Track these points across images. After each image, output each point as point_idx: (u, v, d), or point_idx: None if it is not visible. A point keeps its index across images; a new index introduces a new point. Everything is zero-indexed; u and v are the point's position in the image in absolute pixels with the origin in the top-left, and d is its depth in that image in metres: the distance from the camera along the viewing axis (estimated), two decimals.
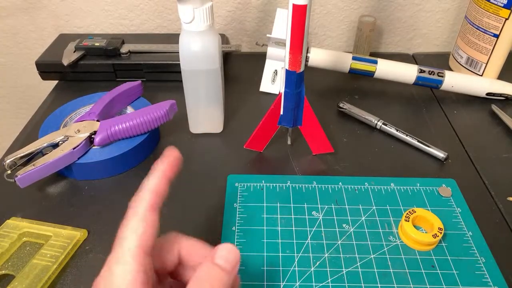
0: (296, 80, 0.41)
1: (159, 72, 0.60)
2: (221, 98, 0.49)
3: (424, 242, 0.37)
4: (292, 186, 0.44)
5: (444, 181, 0.45)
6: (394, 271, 0.36)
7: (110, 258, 0.24)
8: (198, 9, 0.41)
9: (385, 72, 0.55)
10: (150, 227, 0.25)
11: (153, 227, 0.25)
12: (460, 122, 0.54)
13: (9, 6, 0.67)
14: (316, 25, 0.68)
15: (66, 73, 0.60)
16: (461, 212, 0.41)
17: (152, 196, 0.26)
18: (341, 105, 0.55)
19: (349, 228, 0.40)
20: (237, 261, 0.26)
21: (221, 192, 0.44)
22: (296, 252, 0.38)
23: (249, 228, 0.40)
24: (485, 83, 0.56)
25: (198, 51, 0.44)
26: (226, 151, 0.49)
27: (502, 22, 0.54)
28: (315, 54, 0.55)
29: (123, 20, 0.68)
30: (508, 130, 0.52)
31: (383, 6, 0.66)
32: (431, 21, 0.68)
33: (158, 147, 0.49)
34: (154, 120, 0.46)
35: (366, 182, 0.45)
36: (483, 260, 0.37)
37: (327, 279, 0.36)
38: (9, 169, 0.42)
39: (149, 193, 0.26)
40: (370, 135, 0.52)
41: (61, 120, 0.49)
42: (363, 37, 0.63)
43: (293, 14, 0.36)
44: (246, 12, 0.67)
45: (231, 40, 0.70)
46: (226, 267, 0.25)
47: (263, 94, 0.59)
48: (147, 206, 0.25)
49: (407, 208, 0.41)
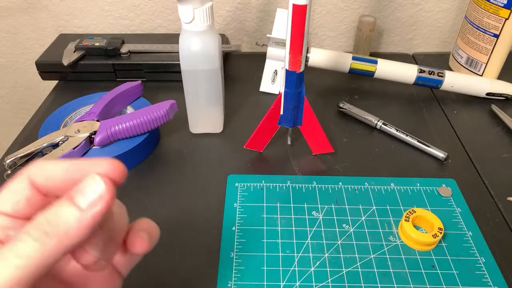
0: (296, 80, 0.41)
1: (159, 72, 0.60)
2: (221, 98, 0.49)
3: (424, 242, 0.37)
4: (292, 186, 0.44)
5: (444, 181, 0.45)
6: (394, 271, 0.36)
7: None
8: (198, 9, 0.41)
9: (385, 72, 0.55)
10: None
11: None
12: (460, 122, 0.54)
13: (9, 6, 0.67)
14: (316, 25, 0.68)
15: (66, 73, 0.60)
16: (461, 212, 0.41)
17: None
18: (341, 105, 0.55)
19: (349, 228, 0.40)
20: (103, 194, 0.19)
21: (221, 192, 0.44)
22: (296, 252, 0.38)
23: (249, 228, 0.40)
24: (485, 83, 0.56)
25: (198, 51, 0.44)
26: (226, 151, 0.49)
27: (502, 22, 0.54)
28: (315, 54, 0.55)
29: (123, 20, 0.68)
30: (508, 130, 0.52)
31: (383, 6, 0.66)
32: (431, 21, 0.68)
33: (158, 147, 0.49)
34: (154, 120, 0.46)
35: (366, 182, 0.45)
36: (483, 260, 0.37)
37: (327, 279, 0.36)
38: (9, 169, 0.42)
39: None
40: (370, 135, 0.52)
41: (61, 120, 0.49)
42: (363, 37, 0.63)
43: (293, 14, 0.36)
44: (246, 12, 0.67)
45: (231, 40, 0.70)
46: (80, 203, 0.18)
47: (263, 94, 0.59)
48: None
49: (407, 208, 0.41)
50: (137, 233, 0.23)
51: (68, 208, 0.18)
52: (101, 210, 0.18)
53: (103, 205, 0.18)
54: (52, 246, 0.18)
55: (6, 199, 0.20)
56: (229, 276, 0.36)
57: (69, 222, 0.18)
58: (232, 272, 0.36)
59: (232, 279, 0.36)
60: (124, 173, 0.20)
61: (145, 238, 0.23)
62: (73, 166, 0.20)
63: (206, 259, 0.37)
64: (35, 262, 0.17)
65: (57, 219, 0.18)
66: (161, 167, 0.47)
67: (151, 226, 0.24)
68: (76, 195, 0.19)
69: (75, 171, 0.20)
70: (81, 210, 0.18)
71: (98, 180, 0.19)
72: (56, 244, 0.18)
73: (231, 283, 0.35)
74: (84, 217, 0.18)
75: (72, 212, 0.18)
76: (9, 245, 0.18)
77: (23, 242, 0.18)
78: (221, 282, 0.35)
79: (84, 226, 0.18)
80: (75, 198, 0.19)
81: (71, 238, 0.18)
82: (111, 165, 0.20)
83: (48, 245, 0.18)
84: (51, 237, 0.18)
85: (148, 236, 0.24)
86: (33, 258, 0.17)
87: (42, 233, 0.18)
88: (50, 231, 0.18)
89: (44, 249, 0.18)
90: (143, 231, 0.24)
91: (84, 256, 0.20)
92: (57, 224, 0.18)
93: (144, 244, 0.23)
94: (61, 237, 0.18)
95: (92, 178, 0.19)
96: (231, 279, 0.35)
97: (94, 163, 0.20)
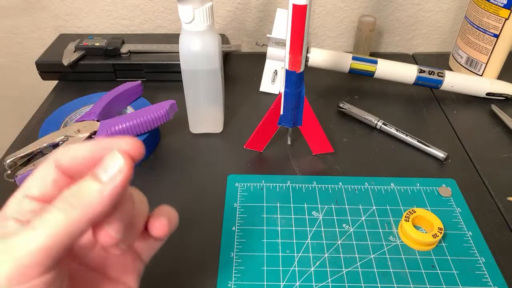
0: (296, 80, 0.41)
1: (159, 72, 0.60)
2: (221, 98, 0.49)
3: (424, 242, 0.37)
4: (292, 186, 0.44)
5: (444, 181, 0.45)
6: (394, 271, 0.36)
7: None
8: (198, 9, 0.41)
9: (385, 72, 0.55)
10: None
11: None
12: (460, 122, 0.54)
13: (9, 6, 0.67)
14: (316, 25, 0.68)
15: (66, 73, 0.60)
16: (461, 212, 0.41)
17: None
18: (341, 105, 0.55)
19: (349, 228, 0.40)
20: (122, 168, 0.20)
21: (221, 192, 0.44)
22: (296, 252, 0.38)
23: (249, 228, 0.40)
24: (485, 83, 0.56)
25: (198, 51, 0.44)
26: (226, 151, 0.49)
27: (502, 22, 0.54)
28: (315, 54, 0.55)
29: (123, 20, 0.68)
30: (508, 130, 0.52)
31: (383, 6, 0.66)
32: (431, 21, 0.68)
33: (158, 147, 0.50)
34: (154, 120, 0.46)
35: (366, 182, 0.45)
36: (483, 260, 0.37)
37: (327, 279, 0.36)
38: (9, 169, 0.42)
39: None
40: (370, 135, 0.52)
41: (61, 120, 0.49)
42: (363, 37, 0.63)
43: (293, 14, 0.36)
44: (246, 12, 0.67)
45: (231, 40, 0.70)
46: (102, 177, 0.20)
47: (263, 94, 0.59)
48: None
49: (407, 208, 0.41)
50: (157, 217, 0.25)
51: (91, 182, 0.20)
52: (121, 182, 0.20)
53: (123, 177, 0.20)
54: (77, 216, 0.19)
55: (33, 184, 0.22)
56: (229, 276, 0.36)
57: (92, 194, 0.19)
58: (232, 272, 0.36)
59: (232, 279, 0.36)
60: (142, 150, 0.22)
61: (165, 222, 0.25)
62: (96, 145, 0.22)
63: (206, 259, 0.37)
64: (62, 231, 0.19)
65: (81, 191, 0.20)
66: (161, 167, 0.47)
67: (171, 212, 0.26)
68: (98, 171, 0.20)
69: (98, 149, 0.22)
70: (102, 183, 0.20)
71: (118, 155, 0.20)
72: (81, 215, 0.19)
73: (231, 283, 0.35)
74: (105, 189, 0.20)
75: (94, 186, 0.20)
76: (38, 217, 0.19)
77: (50, 213, 0.19)
78: (221, 282, 0.35)
79: (105, 198, 0.20)
80: (97, 174, 0.20)
81: (94, 209, 0.19)
82: (130, 143, 0.21)
83: (73, 215, 0.19)
84: (75, 208, 0.19)
85: (168, 220, 0.25)
86: (60, 227, 0.19)
87: (68, 204, 0.19)
88: (74, 202, 0.19)
89: (70, 219, 0.19)
90: (164, 216, 0.25)
91: (106, 237, 0.21)
92: (81, 196, 0.19)
93: (164, 228, 0.25)
94: (85, 208, 0.19)
95: (112, 155, 0.20)
96: (231, 279, 0.35)
97: (115, 142, 0.22)
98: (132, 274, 0.26)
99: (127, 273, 0.26)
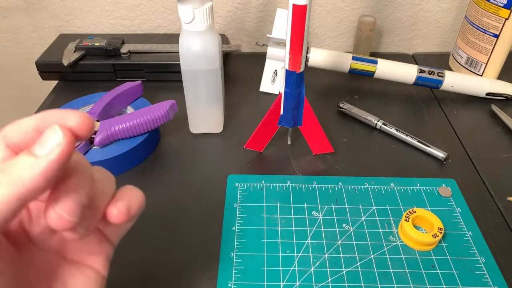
0: (296, 80, 0.41)
1: (159, 72, 0.60)
2: (221, 98, 0.49)
3: (424, 242, 0.37)
4: (292, 186, 0.44)
5: (444, 181, 0.45)
6: (394, 271, 0.36)
7: None
8: (198, 9, 0.41)
9: (385, 72, 0.55)
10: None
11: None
12: (460, 122, 0.54)
13: (9, 6, 0.67)
14: (316, 25, 0.68)
15: (66, 73, 0.60)
16: (461, 212, 0.42)
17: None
18: (341, 105, 0.55)
19: (349, 228, 0.40)
20: (61, 142, 0.19)
21: (221, 192, 0.44)
22: (296, 252, 0.38)
23: (249, 228, 0.40)
24: (485, 83, 0.56)
25: (198, 51, 0.44)
26: (226, 151, 0.49)
27: (502, 22, 0.54)
28: (315, 54, 0.55)
29: (123, 20, 0.68)
30: (508, 130, 0.52)
31: (383, 6, 0.66)
32: (431, 21, 0.68)
33: (158, 147, 0.50)
34: (154, 120, 0.46)
35: (366, 182, 0.45)
36: (483, 260, 0.37)
37: (327, 279, 0.36)
38: None
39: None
40: (370, 135, 0.52)
41: None
42: (363, 37, 0.63)
43: (293, 14, 0.36)
44: (246, 12, 0.67)
45: (231, 40, 0.70)
46: (37, 152, 0.19)
47: (263, 94, 0.59)
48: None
49: (407, 208, 0.41)
50: (115, 202, 0.23)
51: (25, 157, 0.18)
52: (57, 157, 0.18)
53: (59, 152, 0.18)
54: (6, 193, 0.18)
55: None
56: (229, 276, 0.36)
57: (24, 169, 0.18)
58: (232, 272, 0.36)
59: (232, 279, 0.36)
60: (90, 126, 0.20)
61: (123, 209, 0.23)
62: (44, 117, 0.20)
63: (206, 259, 0.37)
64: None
65: (12, 167, 0.18)
66: (161, 167, 0.47)
67: (133, 195, 0.24)
68: (35, 146, 0.19)
69: (47, 122, 0.20)
70: (36, 158, 0.18)
71: (57, 130, 0.19)
72: (9, 192, 0.18)
73: (231, 283, 0.35)
74: (38, 164, 0.18)
75: (27, 160, 0.18)
76: None
77: None
78: (221, 282, 0.35)
79: (38, 173, 0.18)
80: (33, 149, 0.19)
81: (25, 186, 0.18)
82: (78, 117, 0.20)
83: (2, 192, 0.18)
84: (3, 184, 0.18)
85: (127, 206, 0.23)
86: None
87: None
88: (3, 179, 0.18)
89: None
90: (122, 201, 0.23)
91: (58, 219, 0.20)
92: (11, 172, 0.18)
93: (121, 216, 0.23)
94: (15, 184, 0.18)
95: (51, 129, 0.19)
96: (231, 279, 0.35)
97: (62, 115, 0.20)
98: (98, 256, 0.24)
99: (93, 256, 0.24)
